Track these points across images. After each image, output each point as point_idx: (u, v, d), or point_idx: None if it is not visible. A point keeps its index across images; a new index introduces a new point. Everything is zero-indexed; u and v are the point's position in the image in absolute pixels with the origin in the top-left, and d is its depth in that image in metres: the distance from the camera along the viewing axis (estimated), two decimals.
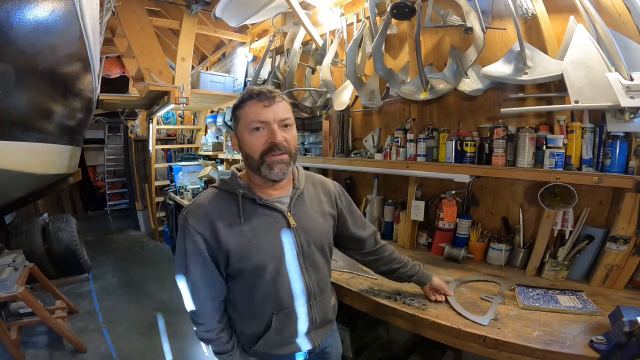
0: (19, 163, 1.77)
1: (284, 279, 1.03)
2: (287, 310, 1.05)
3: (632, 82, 1.24)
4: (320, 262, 1.11)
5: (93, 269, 3.98)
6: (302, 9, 2.42)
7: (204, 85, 4.11)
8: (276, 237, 1.02)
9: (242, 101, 0.99)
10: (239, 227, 0.99)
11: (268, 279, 1.01)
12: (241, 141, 1.01)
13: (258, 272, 1.00)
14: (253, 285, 1.02)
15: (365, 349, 2.02)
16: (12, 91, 1.39)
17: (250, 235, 0.99)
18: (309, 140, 2.81)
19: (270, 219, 1.02)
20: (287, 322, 1.06)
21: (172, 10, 4.37)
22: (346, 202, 1.24)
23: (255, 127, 0.96)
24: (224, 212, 0.99)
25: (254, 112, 0.96)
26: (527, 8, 1.53)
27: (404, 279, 1.37)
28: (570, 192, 1.43)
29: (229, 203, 1.01)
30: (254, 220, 1.01)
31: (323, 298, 1.13)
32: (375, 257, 1.32)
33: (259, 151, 0.97)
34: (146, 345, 2.57)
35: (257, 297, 1.03)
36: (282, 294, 1.03)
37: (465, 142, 1.75)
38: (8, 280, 2.23)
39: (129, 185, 6.32)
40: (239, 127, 1.01)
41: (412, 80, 2.00)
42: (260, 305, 1.04)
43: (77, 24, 1.85)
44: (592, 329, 1.15)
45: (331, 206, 1.18)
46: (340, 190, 1.25)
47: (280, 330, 1.05)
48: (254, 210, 1.01)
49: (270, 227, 1.02)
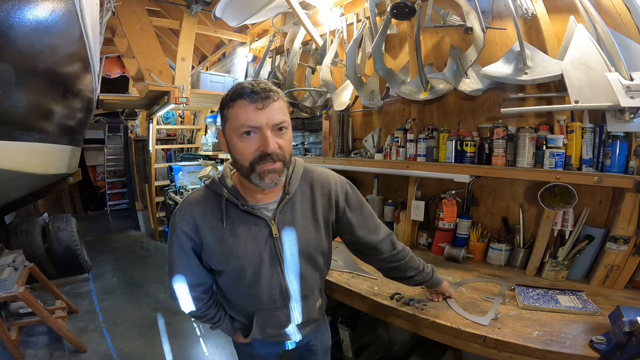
0: (19, 163, 1.77)
1: (263, 284, 1.01)
2: (268, 311, 1.06)
3: (632, 82, 1.24)
4: (306, 270, 1.06)
5: (93, 269, 3.98)
6: (302, 9, 2.42)
7: (204, 85, 4.11)
8: (256, 246, 0.98)
9: (231, 99, 0.87)
10: (222, 231, 0.97)
11: (248, 281, 1.01)
12: (229, 144, 0.92)
13: (237, 273, 1.01)
14: (234, 283, 1.05)
15: (365, 349, 2.02)
16: (12, 91, 1.39)
17: (230, 241, 0.97)
18: (309, 140, 2.81)
19: (253, 226, 0.98)
20: (268, 321, 1.08)
21: (172, 10, 4.37)
22: (354, 202, 1.12)
23: (245, 132, 0.86)
24: (208, 214, 0.98)
25: (245, 115, 0.85)
26: (527, 8, 1.53)
27: (417, 284, 1.29)
28: (570, 192, 1.43)
29: (215, 205, 0.99)
30: (236, 225, 0.98)
31: (307, 302, 1.10)
32: (394, 264, 1.19)
33: (249, 159, 0.88)
34: (146, 345, 2.57)
35: (240, 293, 1.07)
36: (262, 296, 1.04)
37: (465, 142, 1.75)
38: (8, 280, 2.22)
39: (129, 185, 6.32)
40: (226, 128, 0.91)
41: (412, 80, 2.00)
42: (243, 300, 1.08)
43: (77, 24, 1.85)
44: (592, 329, 1.15)
45: (328, 209, 1.08)
46: (346, 189, 1.12)
47: (262, 327, 1.09)
48: (237, 216, 0.98)
49: (252, 235, 0.98)
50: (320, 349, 1.32)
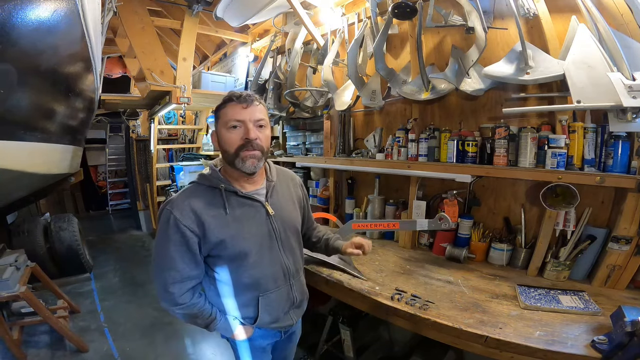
0: (22, 163, 1.77)
1: (266, 261, 1.15)
2: (271, 292, 1.17)
3: (634, 82, 1.23)
4: (295, 245, 1.26)
5: (95, 269, 3.99)
6: (303, 9, 2.42)
7: (205, 85, 4.12)
8: (258, 225, 1.14)
9: (223, 102, 1.10)
10: (225, 218, 1.09)
11: (251, 263, 1.12)
12: (220, 137, 1.11)
13: (243, 257, 1.11)
14: (238, 268, 1.12)
15: (366, 349, 2.02)
16: (15, 91, 1.40)
17: (235, 225, 1.10)
18: (310, 140, 2.81)
19: (252, 209, 1.14)
20: (273, 302, 1.19)
21: (173, 10, 4.37)
22: (305, 193, 1.42)
23: (232, 125, 1.07)
24: (208, 205, 1.08)
25: (233, 111, 1.07)
26: (529, 8, 1.53)
27: (325, 253, 1.51)
28: (572, 192, 1.43)
29: (212, 196, 1.11)
30: (237, 211, 1.12)
31: (299, 278, 1.29)
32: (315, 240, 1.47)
33: (235, 146, 1.08)
34: (148, 344, 2.58)
35: (244, 280, 1.13)
36: (266, 275, 1.16)
37: (466, 142, 1.75)
38: (10, 279, 2.23)
39: (130, 185, 6.32)
40: (218, 124, 1.12)
41: (414, 80, 2.00)
42: (247, 287, 1.14)
43: (79, 24, 1.85)
44: (594, 329, 1.15)
45: (298, 196, 1.34)
46: (302, 182, 1.43)
47: (269, 310, 1.18)
48: (236, 202, 1.12)
49: (251, 216, 1.14)
50: (296, 338, 1.44)
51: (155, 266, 1.10)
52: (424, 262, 1.85)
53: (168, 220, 1.05)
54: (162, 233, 1.07)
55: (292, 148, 3.02)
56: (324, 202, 2.70)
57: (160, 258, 1.08)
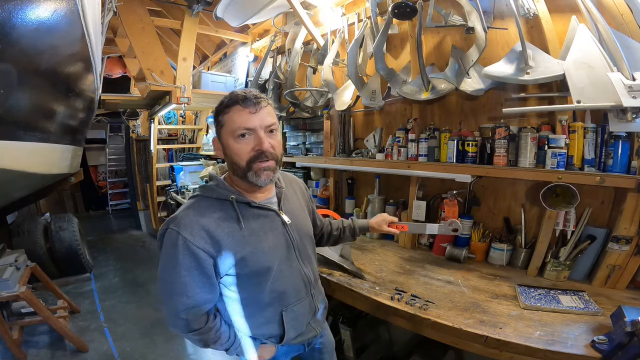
0: (22, 163, 1.77)
1: (287, 274, 1.07)
2: (294, 304, 1.09)
3: (635, 82, 1.23)
4: (311, 253, 1.18)
5: (95, 269, 3.99)
6: (303, 9, 2.42)
7: (205, 85, 4.11)
8: (276, 237, 1.05)
9: (226, 106, 0.95)
10: (240, 233, 0.97)
11: (274, 275, 1.03)
12: (226, 147, 0.98)
13: (264, 273, 1.01)
14: (259, 284, 1.02)
15: (366, 348, 2.02)
16: (15, 91, 1.40)
17: (253, 239, 0.99)
18: (310, 140, 2.81)
19: (267, 220, 1.04)
20: (298, 315, 1.11)
21: (173, 10, 4.37)
22: (309, 193, 1.35)
23: (241, 134, 0.94)
24: (220, 221, 0.96)
25: (240, 118, 0.93)
26: (529, 8, 1.53)
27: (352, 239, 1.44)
28: (572, 192, 1.43)
29: (222, 210, 0.98)
30: (253, 223, 1.00)
31: (318, 286, 1.22)
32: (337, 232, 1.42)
33: (246, 159, 0.95)
34: (148, 344, 2.58)
35: (265, 296, 1.04)
36: (288, 289, 1.07)
37: (466, 142, 1.75)
38: (10, 279, 2.23)
39: (130, 185, 6.33)
40: (223, 132, 0.97)
41: (414, 80, 2.00)
42: (269, 305, 1.05)
43: (79, 24, 1.85)
44: (594, 329, 1.15)
45: (306, 200, 1.27)
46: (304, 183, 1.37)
47: (294, 325, 1.10)
48: (250, 214, 1.01)
49: (268, 228, 1.03)
50: (326, 348, 1.33)
51: (164, 291, 0.96)
52: (424, 262, 1.85)
53: (176, 243, 0.90)
54: (168, 257, 0.93)
55: (292, 148, 3.02)
56: (324, 202, 2.70)
57: (168, 284, 0.94)
